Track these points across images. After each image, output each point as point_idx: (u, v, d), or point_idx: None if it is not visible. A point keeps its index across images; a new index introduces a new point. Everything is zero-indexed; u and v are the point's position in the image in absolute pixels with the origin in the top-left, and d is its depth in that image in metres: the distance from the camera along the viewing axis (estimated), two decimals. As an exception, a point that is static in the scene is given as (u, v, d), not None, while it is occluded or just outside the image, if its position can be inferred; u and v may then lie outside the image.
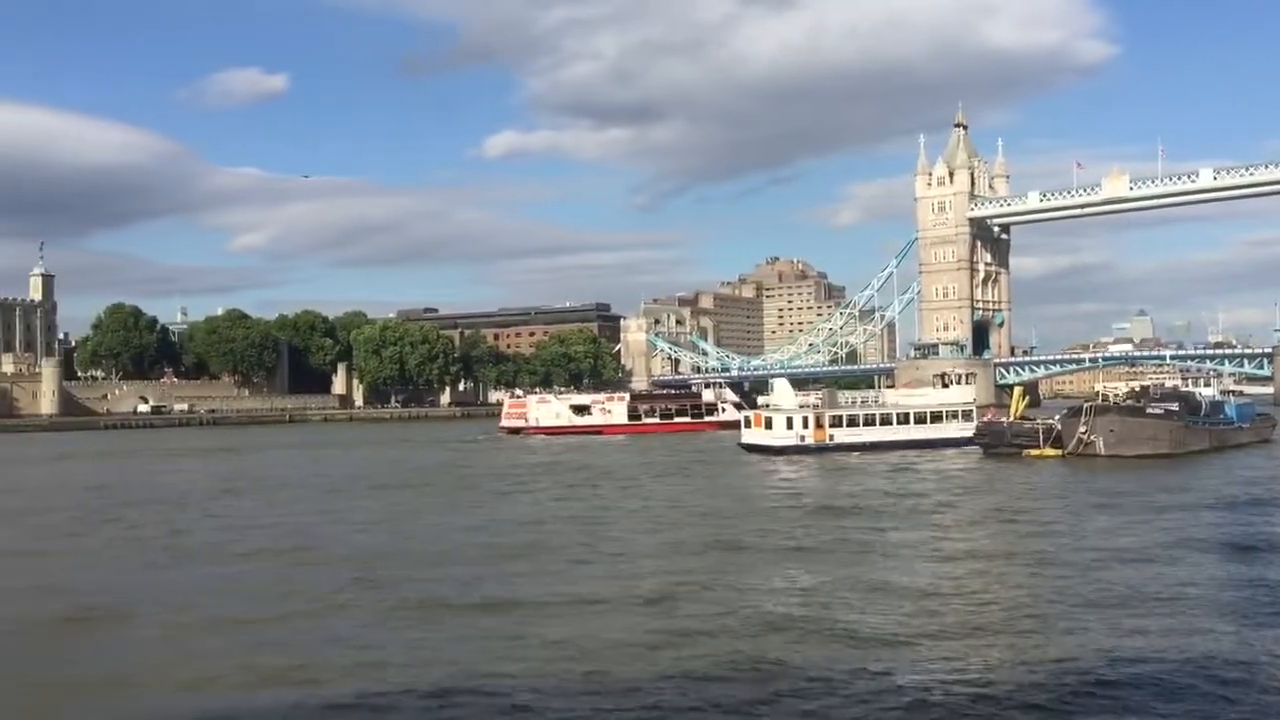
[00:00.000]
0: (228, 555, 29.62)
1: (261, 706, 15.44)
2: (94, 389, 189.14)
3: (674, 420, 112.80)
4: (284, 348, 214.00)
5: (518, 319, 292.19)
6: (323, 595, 23.19)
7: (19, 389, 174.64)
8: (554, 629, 19.41)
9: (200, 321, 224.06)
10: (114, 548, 32.31)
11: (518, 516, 38.19)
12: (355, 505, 42.84)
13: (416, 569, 26.53)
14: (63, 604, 22.56)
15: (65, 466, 76.72)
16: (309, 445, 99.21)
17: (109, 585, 25.32)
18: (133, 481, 59.14)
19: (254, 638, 19.34)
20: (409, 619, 20.62)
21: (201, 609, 21.98)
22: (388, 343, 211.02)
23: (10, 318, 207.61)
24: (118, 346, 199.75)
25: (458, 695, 15.54)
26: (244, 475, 61.56)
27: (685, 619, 20.17)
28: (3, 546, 33.10)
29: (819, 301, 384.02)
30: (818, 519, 35.79)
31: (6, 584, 25.64)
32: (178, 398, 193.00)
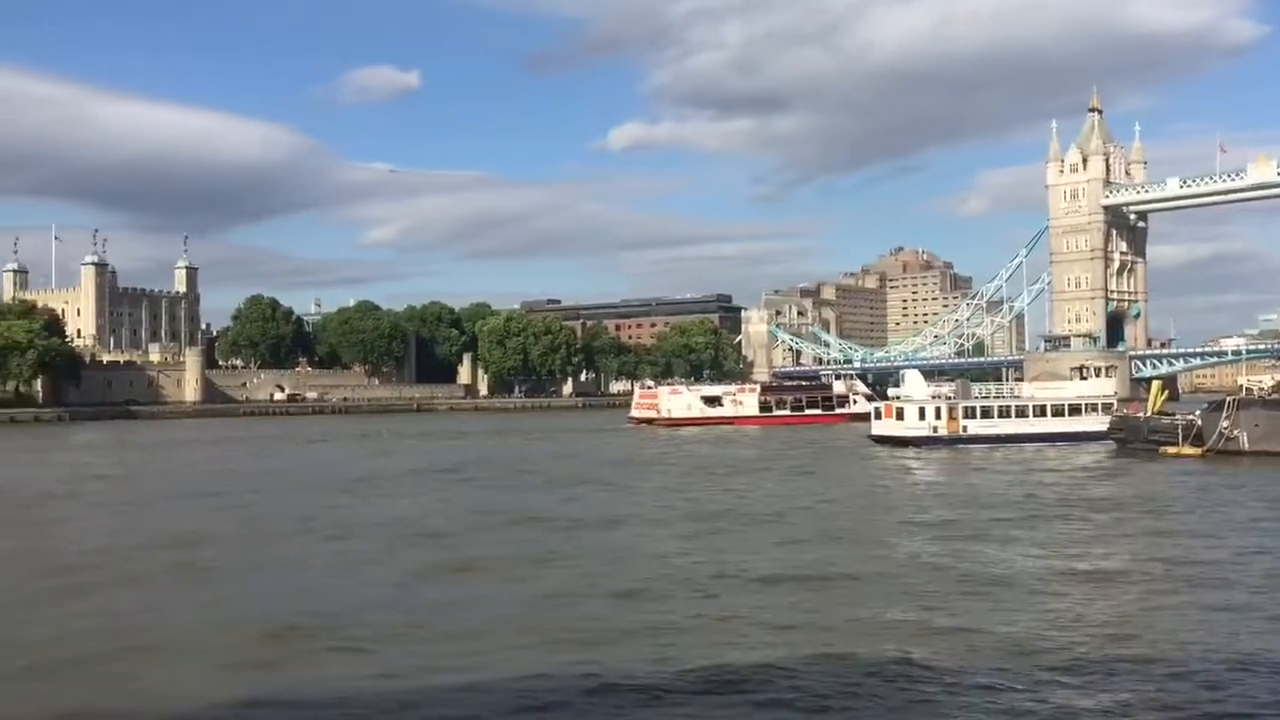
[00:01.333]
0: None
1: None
2: (233, 377, 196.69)
3: (805, 412, 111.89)
4: (412, 338, 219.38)
5: (639, 310, 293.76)
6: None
7: (165, 377, 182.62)
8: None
9: (333, 313, 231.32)
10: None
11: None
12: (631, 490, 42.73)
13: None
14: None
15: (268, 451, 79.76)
16: (464, 434, 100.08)
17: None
18: (383, 461, 61.31)
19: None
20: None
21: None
22: (511, 333, 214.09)
23: (157, 309, 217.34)
24: (256, 336, 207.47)
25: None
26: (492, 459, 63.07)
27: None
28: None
29: (944, 292, 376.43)
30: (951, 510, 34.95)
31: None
32: (311, 386, 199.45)
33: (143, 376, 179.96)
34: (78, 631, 19.07)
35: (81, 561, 26.93)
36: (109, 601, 22.01)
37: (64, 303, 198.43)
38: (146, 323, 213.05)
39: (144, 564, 26.46)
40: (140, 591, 23.17)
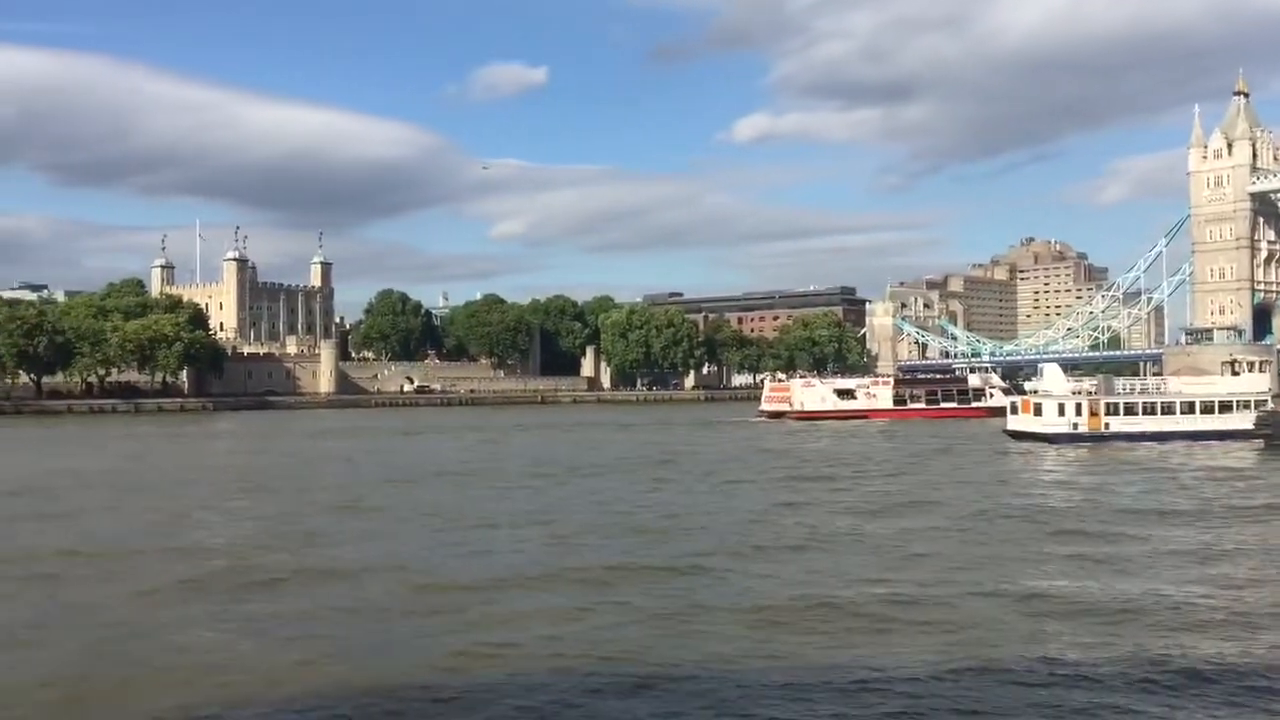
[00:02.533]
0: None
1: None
2: (365, 369, 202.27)
3: (940, 405, 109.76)
4: (536, 331, 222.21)
5: (761, 303, 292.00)
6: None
7: (301, 368, 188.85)
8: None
9: (460, 306, 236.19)
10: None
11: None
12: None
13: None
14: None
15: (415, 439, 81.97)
16: (627, 425, 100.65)
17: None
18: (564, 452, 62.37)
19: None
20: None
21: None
22: (634, 326, 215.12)
23: (294, 303, 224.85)
24: (387, 329, 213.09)
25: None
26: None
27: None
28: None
29: (1078, 284, 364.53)
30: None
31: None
32: (439, 378, 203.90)
33: (280, 368, 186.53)
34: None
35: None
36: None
37: (207, 297, 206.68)
38: (284, 316, 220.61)
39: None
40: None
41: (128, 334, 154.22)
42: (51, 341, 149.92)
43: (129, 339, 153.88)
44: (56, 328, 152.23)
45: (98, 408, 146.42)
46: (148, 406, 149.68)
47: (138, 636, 18.36)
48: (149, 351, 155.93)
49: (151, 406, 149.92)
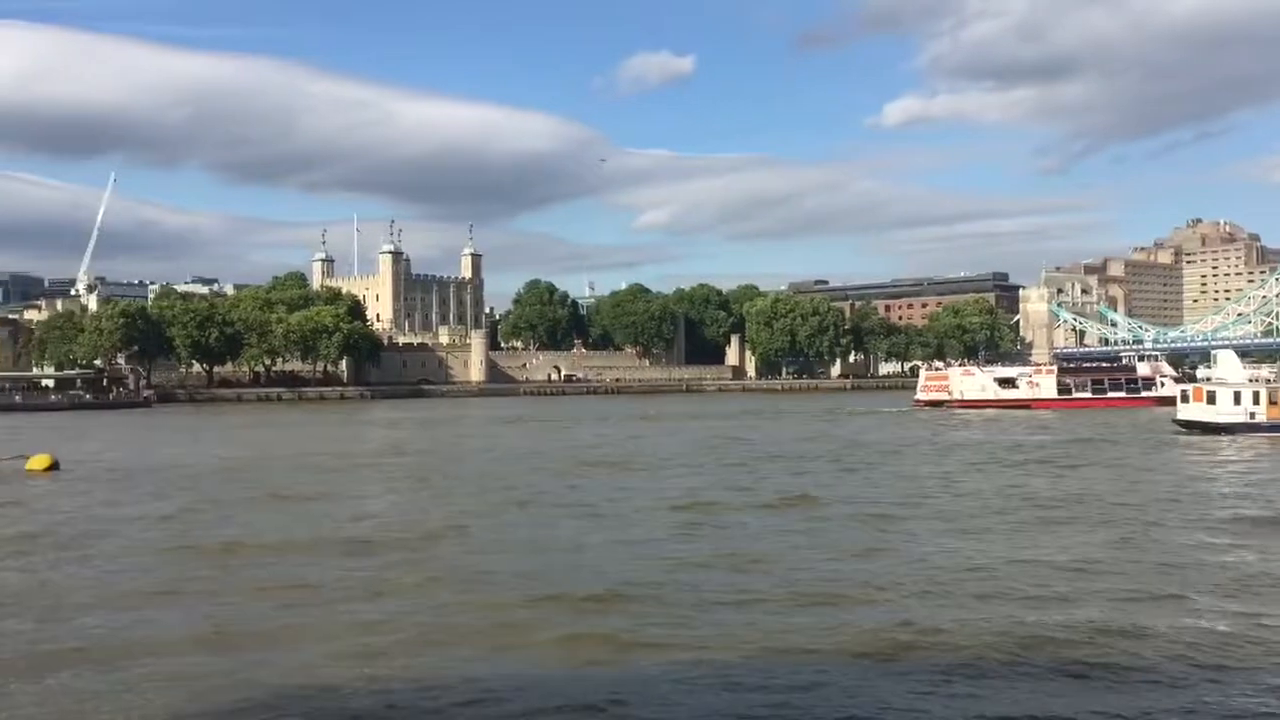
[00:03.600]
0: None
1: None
2: (514, 358, 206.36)
3: (1107, 395, 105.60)
4: (681, 320, 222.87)
5: (910, 290, 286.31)
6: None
7: (453, 358, 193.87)
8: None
9: (606, 296, 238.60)
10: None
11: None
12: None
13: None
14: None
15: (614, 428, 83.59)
16: (752, 414, 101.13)
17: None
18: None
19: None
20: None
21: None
22: (779, 315, 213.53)
23: (445, 294, 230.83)
24: (534, 319, 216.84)
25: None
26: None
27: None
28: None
29: (1250, 266, 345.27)
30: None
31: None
32: (585, 367, 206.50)
33: (433, 358, 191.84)
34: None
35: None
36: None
37: (365, 289, 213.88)
38: (436, 307, 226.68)
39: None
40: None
41: (291, 325, 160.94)
42: (222, 333, 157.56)
43: (293, 330, 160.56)
44: (226, 319, 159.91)
45: (264, 395, 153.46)
46: (310, 395, 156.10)
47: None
48: (311, 342, 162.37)
49: (314, 395, 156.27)
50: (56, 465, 44.53)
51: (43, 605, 19.07)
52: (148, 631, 17.25)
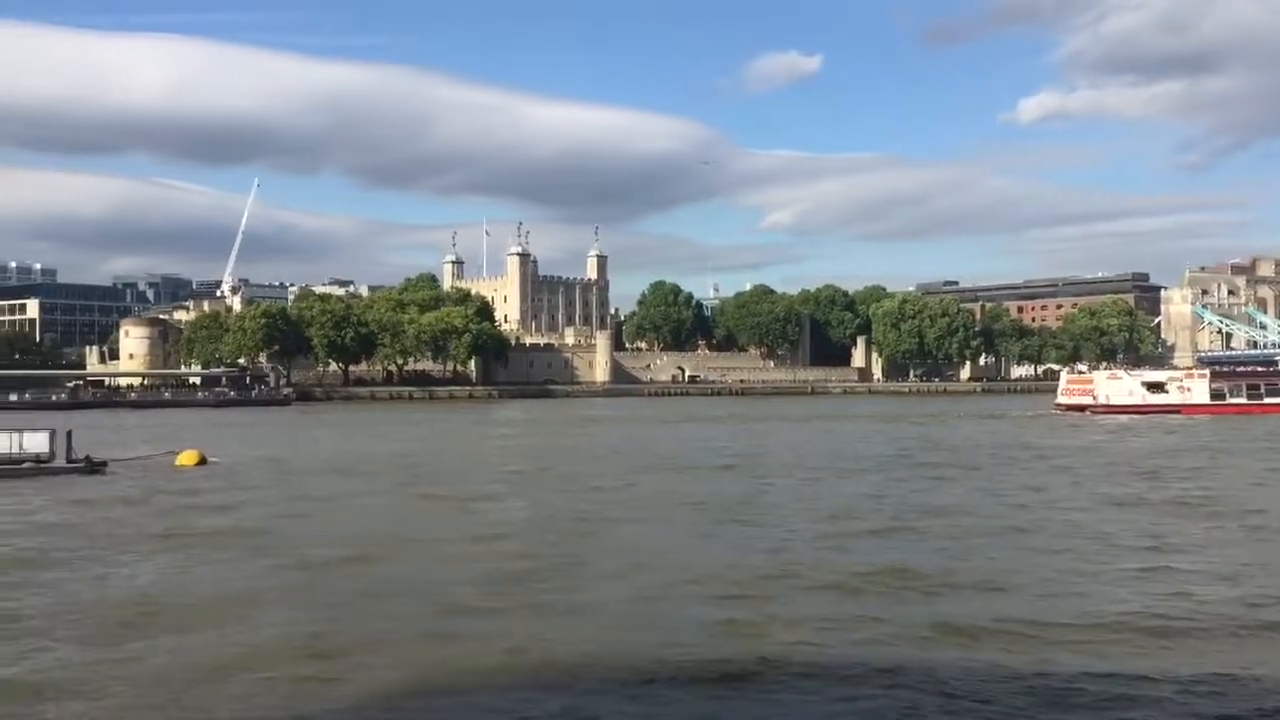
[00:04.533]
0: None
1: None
2: (638, 359, 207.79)
3: (1263, 400, 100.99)
4: (806, 321, 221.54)
5: (1043, 291, 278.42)
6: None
7: (578, 358, 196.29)
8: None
9: (730, 297, 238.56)
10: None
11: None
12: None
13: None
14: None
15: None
16: (885, 418, 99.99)
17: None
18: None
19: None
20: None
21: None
22: (906, 316, 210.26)
23: (571, 295, 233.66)
24: (659, 320, 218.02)
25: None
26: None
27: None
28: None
29: None
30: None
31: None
32: (709, 368, 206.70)
33: (559, 358, 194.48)
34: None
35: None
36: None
37: (493, 290, 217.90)
38: (562, 308, 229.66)
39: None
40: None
41: (423, 325, 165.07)
42: (357, 333, 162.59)
43: (424, 330, 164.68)
44: (361, 320, 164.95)
45: (396, 394, 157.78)
46: (440, 394, 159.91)
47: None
48: (441, 342, 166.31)
49: (444, 394, 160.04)
50: (205, 460, 46.63)
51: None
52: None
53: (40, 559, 23.89)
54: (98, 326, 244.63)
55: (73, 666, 15.28)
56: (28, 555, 24.41)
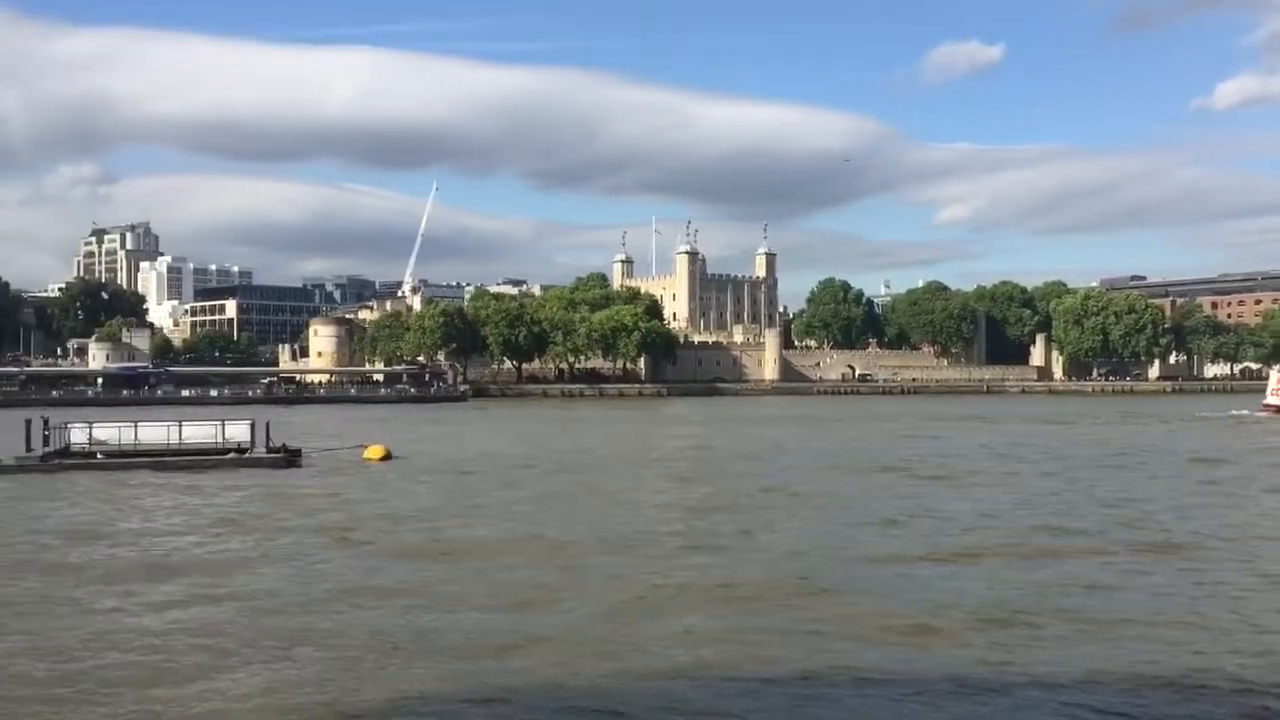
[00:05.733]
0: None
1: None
2: (807, 357, 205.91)
3: None
4: (981, 318, 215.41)
5: (1240, 285, 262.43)
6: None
7: (746, 356, 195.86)
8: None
9: (902, 294, 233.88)
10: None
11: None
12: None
13: None
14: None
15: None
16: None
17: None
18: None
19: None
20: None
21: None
22: (1090, 313, 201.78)
23: (740, 293, 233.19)
24: (828, 318, 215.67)
25: None
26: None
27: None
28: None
29: None
30: None
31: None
32: (880, 366, 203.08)
33: (727, 356, 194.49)
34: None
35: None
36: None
37: (662, 289, 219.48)
38: (731, 306, 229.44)
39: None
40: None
41: (593, 324, 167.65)
42: (530, 331, 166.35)
43: (594, 329, 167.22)
44: (534, 319, 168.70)
45: (567, 391, 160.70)
46: (610, 391, 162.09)
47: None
48: (611, 340, 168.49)
49: (613, 391, 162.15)
50: (390, 455, 48.63)
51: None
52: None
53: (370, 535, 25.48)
54: (289, 325, 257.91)
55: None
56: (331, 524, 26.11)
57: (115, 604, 19.06)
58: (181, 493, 35.71)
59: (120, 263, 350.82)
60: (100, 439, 44.52)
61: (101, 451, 43.82)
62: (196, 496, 34.64)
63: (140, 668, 15.07)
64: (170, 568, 22.45)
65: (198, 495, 34.93)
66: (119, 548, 25.02)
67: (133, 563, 23.06)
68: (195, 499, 34.01)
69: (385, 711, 13.45)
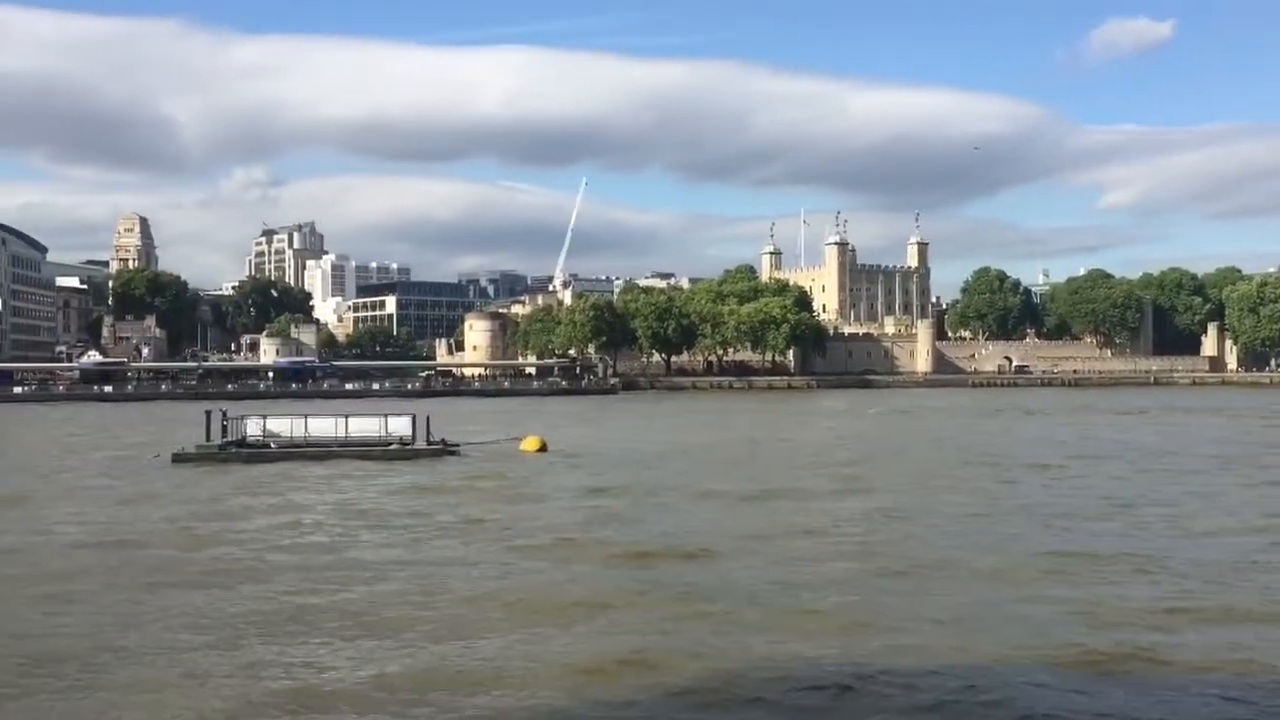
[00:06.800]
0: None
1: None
2: (962, 348, 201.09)
3: None
4: (1148, 307, 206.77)
5: None
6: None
7: (898, 348, 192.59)
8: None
9: (1062, 282, 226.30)
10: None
11: None
12: None
13: None
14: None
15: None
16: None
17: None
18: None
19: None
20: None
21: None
22: (1266, 300, 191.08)
23: (891, 283, 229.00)
24: (983, 308, 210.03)
25: None
26: None
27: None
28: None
29: None
30: None
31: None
32: (1039, 357, 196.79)
33: (878, 347, 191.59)
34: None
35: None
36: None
37: (811, 280, 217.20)
38: (882, 296, 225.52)
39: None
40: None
41: (742, 316, 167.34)
42: (678, 324, 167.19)
43: (743, 321, 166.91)
44: (682, 312, 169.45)
45: (716, 384, 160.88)
46: (759, 383, 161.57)
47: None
48: (760, 332, 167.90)
49: (762, 383, 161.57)
50: (545, 447, 49.66)
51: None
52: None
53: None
54: (445, 320, 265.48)
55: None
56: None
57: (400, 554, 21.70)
58: (361, 479, 37.81)
59: (288, 261, 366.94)
60: (273, 431, 46.90)
61: (274, 442, 46.14)
62: (371, 482, 36.42)
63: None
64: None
65: (371, 481, 36.78)
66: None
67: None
68: (370, 484, 35.76)
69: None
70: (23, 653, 15.63)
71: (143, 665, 15.08)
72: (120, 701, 13.63)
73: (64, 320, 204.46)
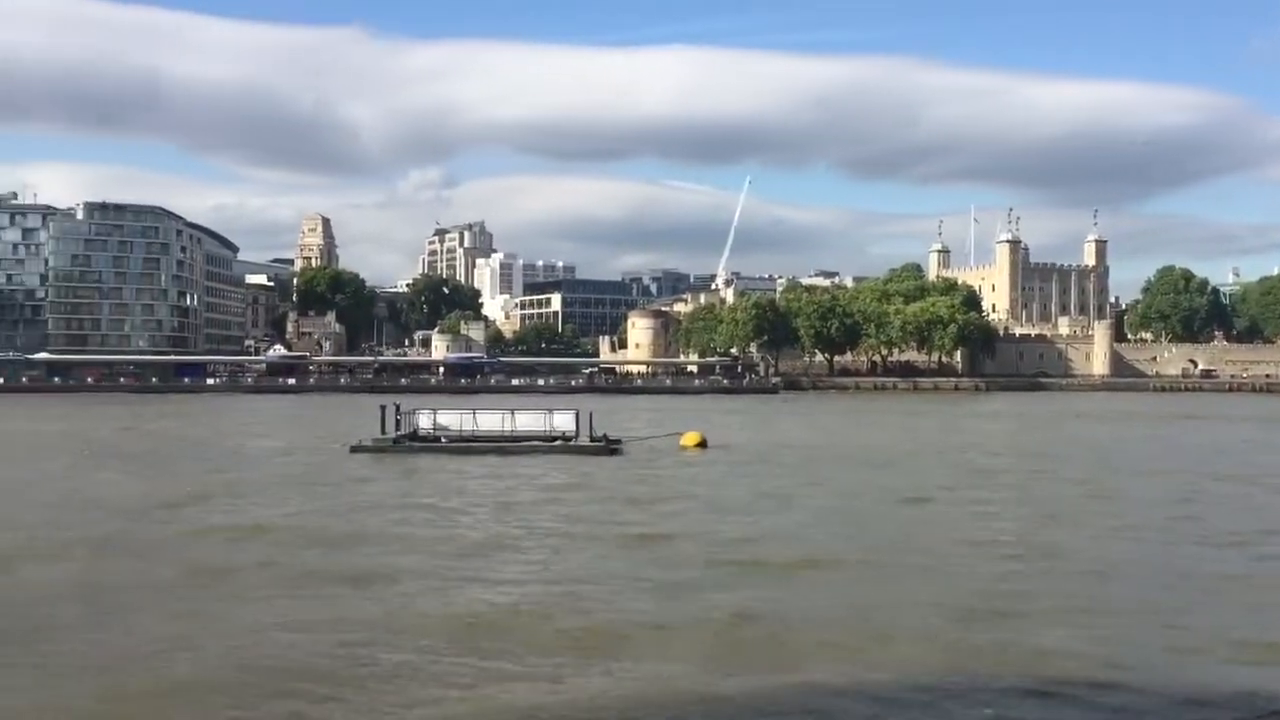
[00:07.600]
0: None
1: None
2: (1142, 351, 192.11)
3: None
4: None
5: None
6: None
7: (1073, 349, 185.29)
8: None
9: (1254, 282, 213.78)
10: None
11: None
12: None
13: None
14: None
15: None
16: None
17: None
18: None
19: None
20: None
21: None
22: None
23: (1065, 282, 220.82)
24: (1166, 309, 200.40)
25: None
26: None
27: None
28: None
29: None
30: None
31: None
32: (1227, 361, 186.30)
33: (1052, 349, 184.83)
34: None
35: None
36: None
37: (980, 279, 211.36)
38: (1055, 296, 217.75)
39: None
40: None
41: (908, 316, 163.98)
42: (842, 323, 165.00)
43: (909, 321, 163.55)
44: (846, 311, 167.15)
45: (879, 385, 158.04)
46: (925, 385, 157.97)
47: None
48: (926, 332, 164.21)
49: (929, 385, 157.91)
50: (705, 444, 49.94)
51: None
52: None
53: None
54: (608, 317, 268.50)
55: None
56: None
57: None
58: (533, 472, 38.94)
59: (459, 259, 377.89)
60: (444, 425, 48.71)
61: (445, 436, 47.88)
62: (540, 476, 37.40)
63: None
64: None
65: (540, 475, 37.79)
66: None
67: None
68: (542, 478, 36.72)
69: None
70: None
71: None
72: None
73: (252, 315, 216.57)
